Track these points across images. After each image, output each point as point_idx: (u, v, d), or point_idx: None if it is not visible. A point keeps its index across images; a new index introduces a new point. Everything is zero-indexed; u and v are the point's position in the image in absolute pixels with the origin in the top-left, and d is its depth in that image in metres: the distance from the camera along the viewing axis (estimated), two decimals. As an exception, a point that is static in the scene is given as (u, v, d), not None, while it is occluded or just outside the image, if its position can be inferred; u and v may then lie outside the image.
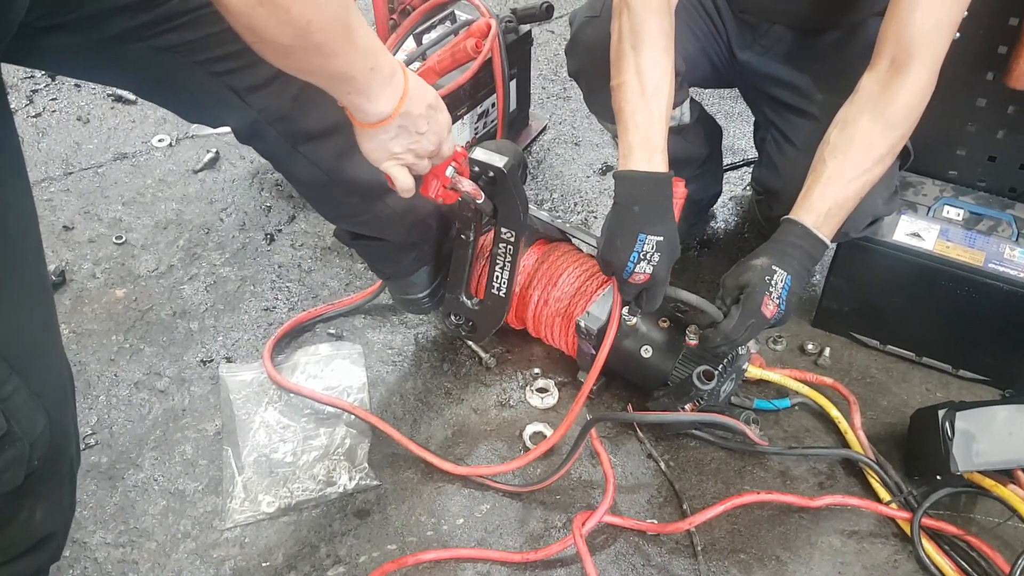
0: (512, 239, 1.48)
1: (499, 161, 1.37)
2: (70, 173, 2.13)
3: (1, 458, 0.91)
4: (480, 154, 1.38)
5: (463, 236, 1.53)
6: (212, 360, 1.71)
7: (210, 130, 2.19)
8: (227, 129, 1.30)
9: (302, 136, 1.27)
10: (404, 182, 1.14)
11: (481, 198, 1.36)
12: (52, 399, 0.98)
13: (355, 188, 1.37)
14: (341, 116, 1.08)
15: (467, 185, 1.31)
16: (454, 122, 1.92)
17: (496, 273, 1.53)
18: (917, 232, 1.59)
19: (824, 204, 1.33)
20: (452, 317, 1.61)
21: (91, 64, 1.15)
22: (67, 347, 1.70)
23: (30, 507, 1.02)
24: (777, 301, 1.30)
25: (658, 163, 1.31)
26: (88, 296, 1.83)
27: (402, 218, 1.45)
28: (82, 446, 1.54)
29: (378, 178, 1.39)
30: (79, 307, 1.81)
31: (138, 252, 1.93)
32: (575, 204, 2.05)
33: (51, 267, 1.85)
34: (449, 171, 1.26)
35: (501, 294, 1.55)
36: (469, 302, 1.59)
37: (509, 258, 1.51)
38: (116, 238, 1.95)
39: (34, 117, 2.28)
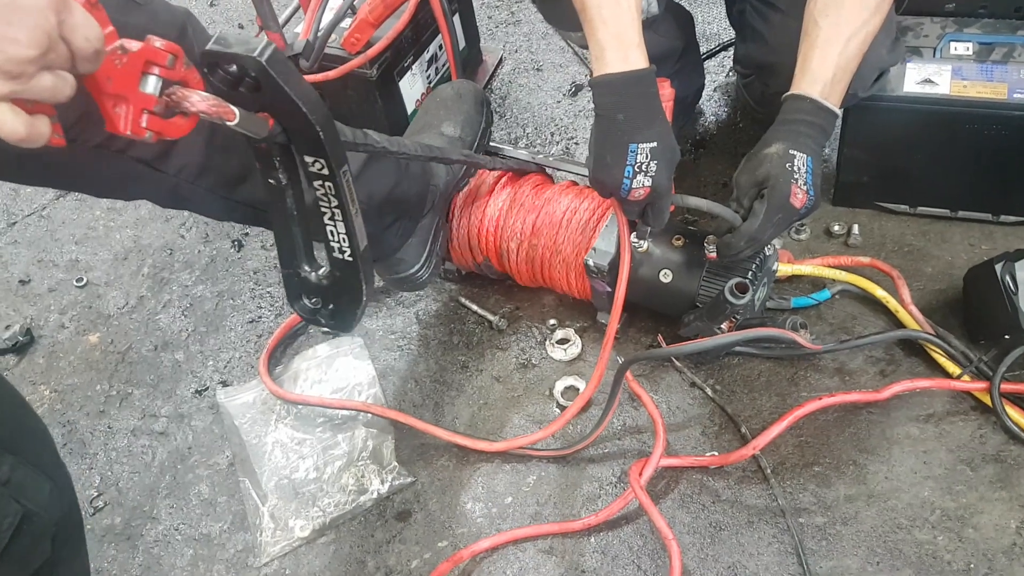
0: (325, 171, 0.98)
1: (248, 48, 0.84)
2: (14, 223, 1.98)
3: (27, 538, 0.87)
4: (218, 45, 0.85)
5: (271, 181, 1.02)
6: (207, 388, 1.58)
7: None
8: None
9: (232, 181, 1.14)
10: (8, 127, 0.65)
11: (233, 117, 0.85)
12: (47, 462, 0.94)
13: None
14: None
15: (199, 101, 0.81)
16: (402, 75, 1.76)
17: (329, 228, 1.05)
18: (928, 78, 1.44)
19: (827, 71, 1.19)
20: (304, 301, 1.13)
21: None
22: (51, 408, 1.60)
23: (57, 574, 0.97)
24: (804, 187, 1.16)
25: (636, 59, 1.14)
26: (61, 349, 1.69)
27: (369, 207, 1.31)
28: (90, 510, 1.43)
29: None
30: (54, 363, 1.67)
31: (103, 291, 1.79)
32: (552, 134, 1.89)
33: (15, 326, 1.72)
34: (150, 85, 0.77)
35: (347, 257, 1.06)
36: (313, 275, 1.10)
37: (335, 202, 1.02)
38: (77, 281, 1.81)
39: (-39, 173, 2.11)
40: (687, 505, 1.28)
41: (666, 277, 1.36)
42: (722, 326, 1.30)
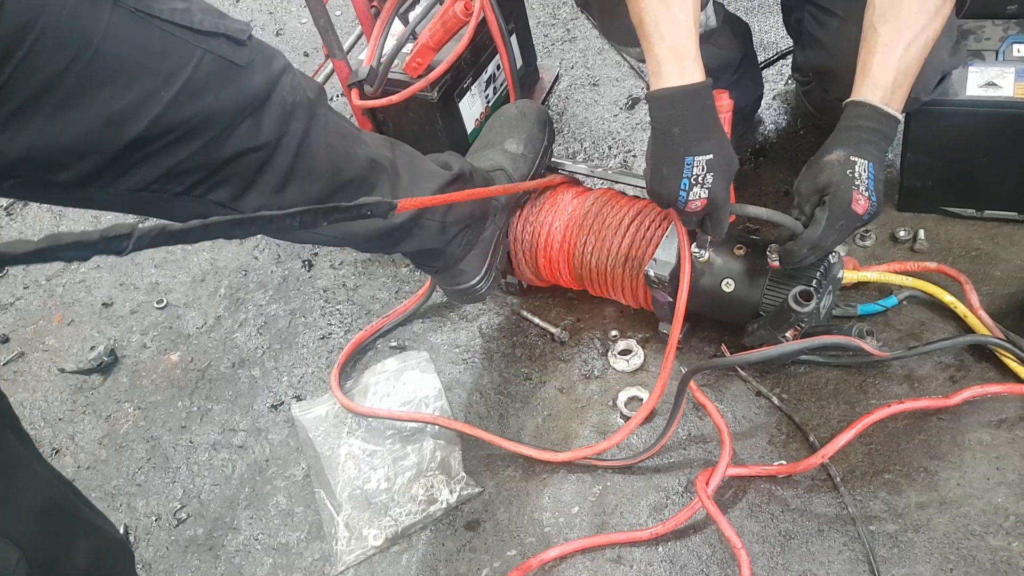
0: None
1: None
2: (97, 249, 2.08)
3: None
4: None
5: None
6: (282, 403, 1.64)
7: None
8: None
9: None
10: None
11: None
12: (22, 528, 0.90)
13: (376, 235, 1.30)
14: (324, 184, 1.09)
15: None
16: (462, 96, 1.81)
17: None
18: (991, 81, 1.42)
19: (887, 76, 1.18)
20: None
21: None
22: (135, 424, 1.67)
23: None
24: (866, 194, 1.16)
25: (692, 73, 1.16)
26: (144, 368, 1.78)
27: (440, 225, 1.36)
28: (173, 522, 1.50)
29: (395, 220, 1.29)
30: (137, 381, 1.75)
31: (182, 311, 1.87)
32: (609, 148, 1.92)
33: (100, 347, 1.80)
34: None
35: None
36: None
37: None
38: (157, 303, 1.89)
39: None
40: (756, 514, 1.28)
41: (728, 286, 1.36)
42: (787, 334, 1.30)
